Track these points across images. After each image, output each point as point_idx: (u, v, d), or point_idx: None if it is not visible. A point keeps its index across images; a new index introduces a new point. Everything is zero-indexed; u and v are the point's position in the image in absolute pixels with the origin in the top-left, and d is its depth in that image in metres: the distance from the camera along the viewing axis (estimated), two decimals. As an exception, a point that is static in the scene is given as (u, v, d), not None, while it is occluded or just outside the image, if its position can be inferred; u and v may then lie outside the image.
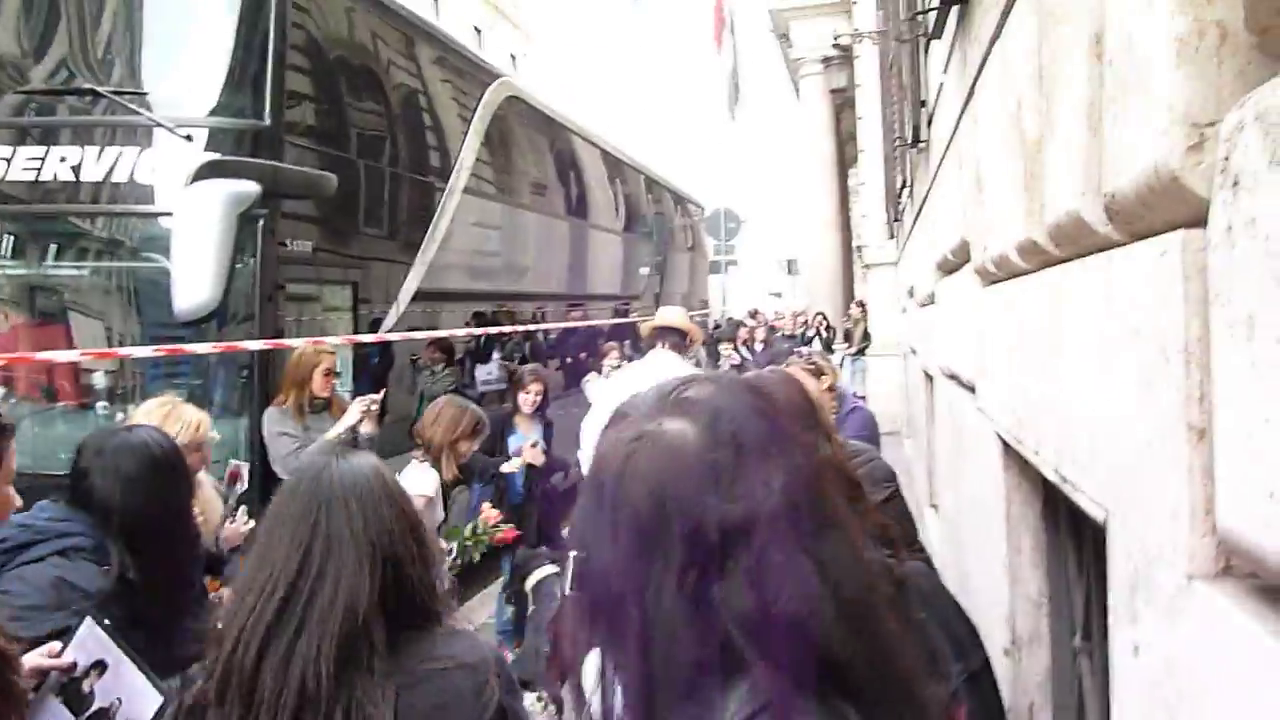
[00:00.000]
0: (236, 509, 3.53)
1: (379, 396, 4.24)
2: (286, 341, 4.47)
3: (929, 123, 5.61)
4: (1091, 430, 1.74)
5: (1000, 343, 2.90)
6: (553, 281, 10.32)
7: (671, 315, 5.12)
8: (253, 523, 3.79)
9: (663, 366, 4.57)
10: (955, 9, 3.49)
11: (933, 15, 3.71)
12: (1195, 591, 1.22)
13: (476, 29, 33.40)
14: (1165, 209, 1.35)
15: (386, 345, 6.21)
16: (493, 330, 6.49)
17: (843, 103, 14.17)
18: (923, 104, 5.78)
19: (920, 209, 6.66)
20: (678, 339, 4.89)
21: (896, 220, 10.15)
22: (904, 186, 8.04)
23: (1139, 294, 1.41)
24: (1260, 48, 1.06)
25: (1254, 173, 0.98)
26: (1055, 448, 2.12)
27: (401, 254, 6.73)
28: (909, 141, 6.29)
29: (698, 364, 6.16)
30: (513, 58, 37.12)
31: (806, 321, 17.02)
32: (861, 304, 15.05)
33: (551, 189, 10.39)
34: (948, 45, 4.02)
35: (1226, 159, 1.06)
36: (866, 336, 14.25)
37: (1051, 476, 2.20)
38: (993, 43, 2.77)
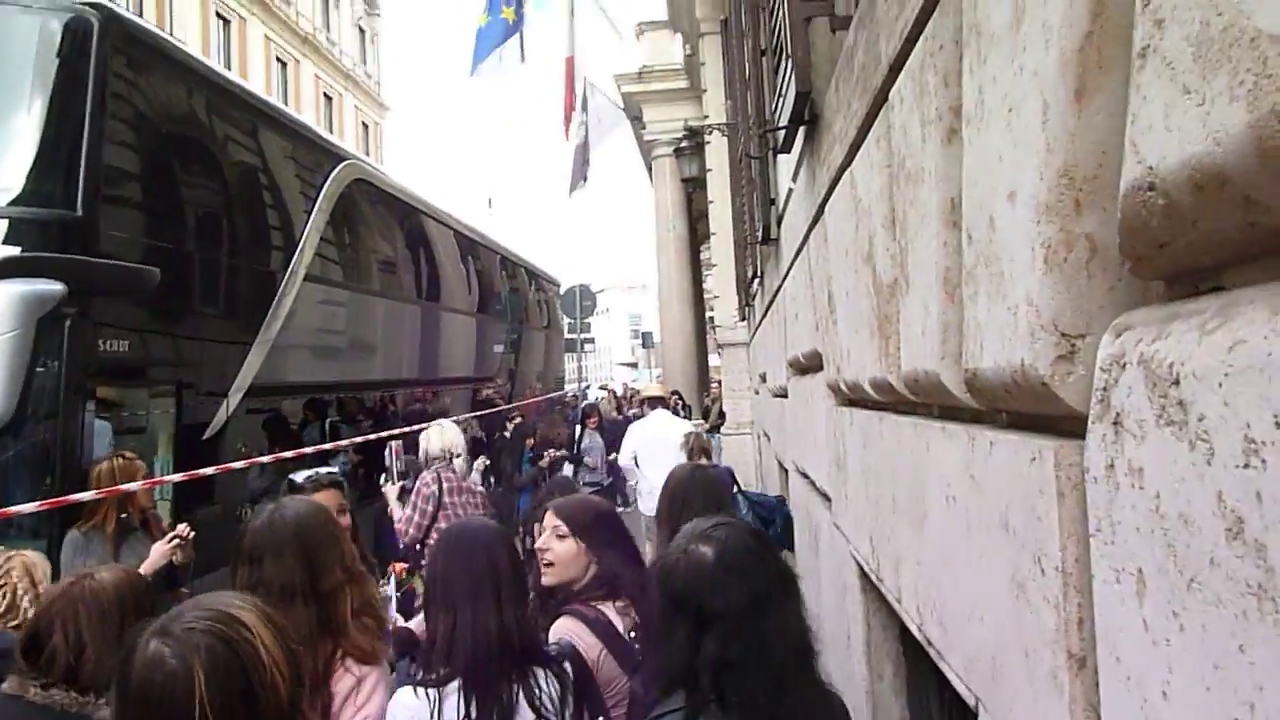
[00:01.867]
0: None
1: (187, 531, 3.84)
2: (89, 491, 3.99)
3: (779, 222, 5.69)
4: (960, 609, 1.65)
5: (857, 473, 2.85)
6: (402, 366, 9.96)
7: (653, 389, 9.16)
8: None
9: (661, 419, 7.94)
10: (802, 128, 3.52)
11: (782, 133, 3.74)
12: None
13: (327, 96, 32.79)
14: (1033, 405, 1.28)
15: (215, 449, 5.75)
16: (327, 446, 6.06)
17: (695, 185, 14.52)
18: (772, 203, 5.88)
19: (771, 301, 6.75)
20: (661, 402, 8.46)
21: (748, 305, 10.32)
22: (754, 277, 8.17)
23: (1008, 490, 1.33)
24: (1134, 270, 1.00)
25: (1140, 422, 0.90)
26: (918, 606, 2.04)
27: (235, 348, 6.29)
28: (759, 239, 6.38)
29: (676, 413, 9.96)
30: (365, 126, 36.58)
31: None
32: (719, 383, 15.28)
33: (401, 271, 10.09)
34: (796, 157, 4.07)
35: (1105, 390, 0.99)
36: (721, 414, 14.40)
37: (914, 631, 2.12)
38: (842, 171, 2.78)
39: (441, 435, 5.53)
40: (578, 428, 9.89)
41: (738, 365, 13.78)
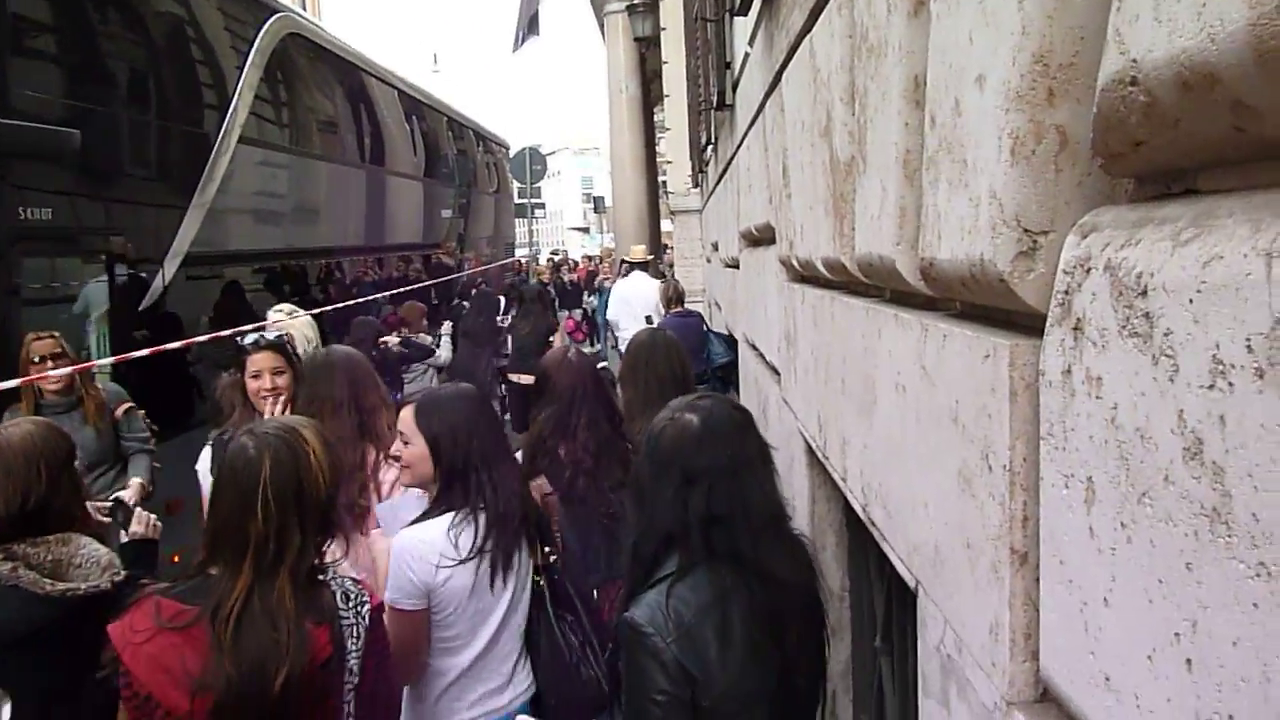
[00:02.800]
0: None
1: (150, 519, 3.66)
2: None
3: (734, 88, 5.51)
4: (904, 496, 1.66)
5: (807, 351, 2.84)
6: (347, 233, 9.68)
7: (638, 252, 10.68)
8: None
9: (640, 280, 9.06)
10: (761, -10, 3.35)
11: (739, -7, 3.55)
12: (1013, 717, 1.16)
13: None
14: (989, 299, 1.25)
15: (154, 319, 5.56)
16: (252, 327, 5.83)
17: (649, 44, 13.98)
18: (728, 67, 5.67)
19: (725, 170, 6.61)
20: (643, 265, 9.97)
21: (701, 171, 10.13)
22: (708, 143, 7.98)
23: (959, 384, 1.31)
24: (1106, 167, 0.94)
25: (1102, 331, 0.86)
26: (863, 488, 2.06)
27: (169, 213, 6.02)
28: (714, 104, 6.18)
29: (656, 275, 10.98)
30: (300, -26, 34.49)
31: (594, 269, 16.94)
32: (671, 248, 15.19)
33: (343, 133, 9.66)
34: (754, 19, 3.90)
35: (1066, 294, 0.95)
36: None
37: (858, 510, 2.15)
38: (801, 37, 2.65)
39: (307, 325, 4.84)
40: (502, 300, 9.95)
41: (690, 233, 13.63)
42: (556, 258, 23.04)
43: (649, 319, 7.34)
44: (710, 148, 8.04)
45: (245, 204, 7.25)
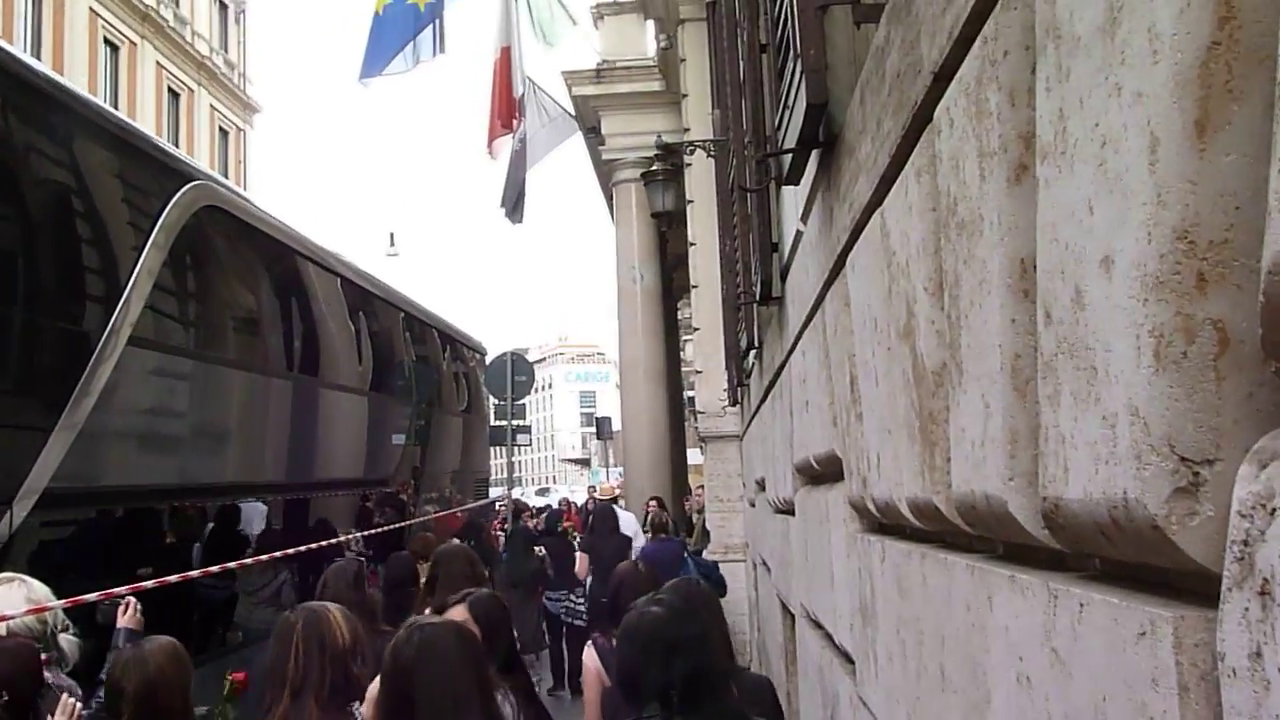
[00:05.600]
0: None
1: None
2: None
3: (783, 276, 5.72)
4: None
5: (890, 628, 2.80)
6: (265, 465, 9.80)
7: (608, 491, 16.51)
8: None
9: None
10: (816, 152, 3.54)
11: (788, 157, 3.75)
12: None
13: (173, 92, 32.96)
14: (1138, 553, 1.24)
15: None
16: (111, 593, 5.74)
17: (670, 221, 14.55)
18: (775, 249, 5.91)
19: (773, 382, 6.75)
20: (614, 499, 15.05)
21: (741, 385, 10.33)
22: (750, 348, 8.19)
23: (1106, 674, 1.28)
24: (1281, 373, 0.96)
25: (1300, 596, 0.85)
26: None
27: (26, 438, 6.15)
28: (756, 297, 6.39)
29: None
30: (223, 133, 36.81)
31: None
32: (701, 488, 15.28)
33: (266, 333, 9.99)
34: (807, 189, 4.10)
35: (1246, 545, 0.95)
36: (705, 533, 14.27)
37: None
38: (870, 212, 2.78)
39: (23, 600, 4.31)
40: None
41: (727, 466, 13.70)
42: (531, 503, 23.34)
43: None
44: (753, 353, 8.24)
45: (130, 426, 7.40)
